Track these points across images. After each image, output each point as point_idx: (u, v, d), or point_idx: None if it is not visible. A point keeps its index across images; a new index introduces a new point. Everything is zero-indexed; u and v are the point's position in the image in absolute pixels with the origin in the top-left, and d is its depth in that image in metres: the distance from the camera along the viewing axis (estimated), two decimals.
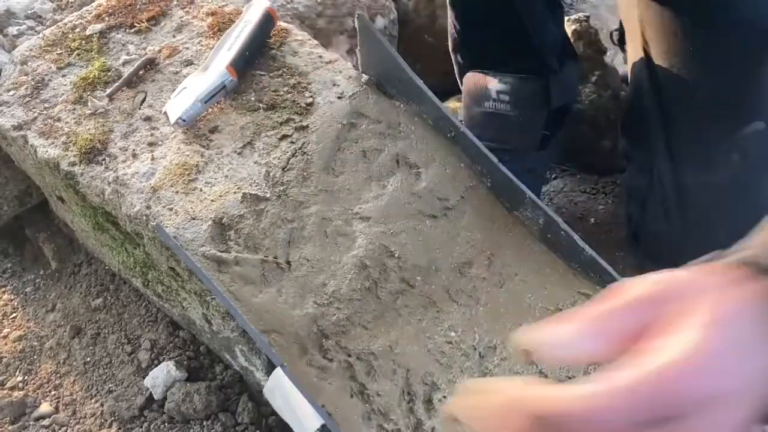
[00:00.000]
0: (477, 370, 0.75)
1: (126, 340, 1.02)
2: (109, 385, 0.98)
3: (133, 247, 0.92)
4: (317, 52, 0.94)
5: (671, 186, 0.97)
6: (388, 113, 0.89)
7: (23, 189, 1.11)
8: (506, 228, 0.85)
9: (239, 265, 0.76)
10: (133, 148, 0.88)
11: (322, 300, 0.76)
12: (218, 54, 0.92)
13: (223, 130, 0.88)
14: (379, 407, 0.71)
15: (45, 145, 0.90)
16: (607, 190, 1.30)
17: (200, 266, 0.74)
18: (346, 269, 0.78)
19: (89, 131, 0.90)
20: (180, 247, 0.74)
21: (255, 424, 0.92)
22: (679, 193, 0.97)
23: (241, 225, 0.79)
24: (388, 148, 0.87)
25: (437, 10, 1.37)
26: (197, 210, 0.81)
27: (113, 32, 1.01)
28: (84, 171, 0.87)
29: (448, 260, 0.81)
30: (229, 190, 0.82)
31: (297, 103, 0.88)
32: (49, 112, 0.93)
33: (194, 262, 0.74)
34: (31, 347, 1.03)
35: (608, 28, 1.28)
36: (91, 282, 1.08)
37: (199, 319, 0.91)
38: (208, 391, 0.93)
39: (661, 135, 0.95)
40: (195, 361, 0.98)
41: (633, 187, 1.05)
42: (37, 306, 1.08)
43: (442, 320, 0.78)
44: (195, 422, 0.93)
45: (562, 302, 0.82)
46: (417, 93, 0.87)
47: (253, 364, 0.86)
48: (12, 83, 0.96)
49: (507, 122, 1.11)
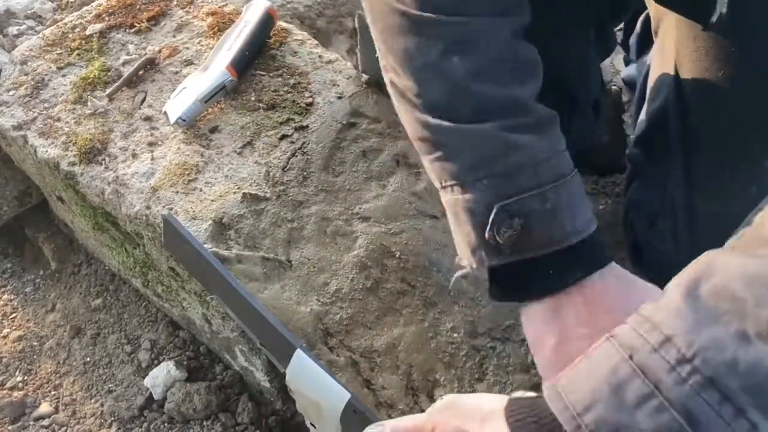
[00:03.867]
0: (478, 371, 0.75)
1: (126, 340, 1.02)
2: (109, 385, 0.98)
3: (133, 247, 0.92)
4: (317, 52, 0.94)
5: (684, 210, 0.96)
6: (388, 113, 0.89)
7: (23, 189, 1.11)
8: None
9: (241, 263, 0.77)
10: (133, 148, 0.88)
11: (324, 299, 0.76)
12: (218, 54, 0.92)
13: (223, 130, 0.88)
14: (386, 399, 0.72)
15: (45, 145, 0.90)
16: (608, 190, 1.30)
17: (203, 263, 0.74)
18: (347, 269, 0.78)
19: (89, 131, 0.90)
20: (191, 234, 0.74)
21: (255, 424, 0.92)
22: (691, 218, 0.96)
23: (241, 225, 0.79)
24: (388, 148, 0.87)
25: None
26: (197, 210, 0.81)
27: (113, 32, 1.01)
28: (84, 171, 0.87)
29: (449, 260, 0.81)
30: (229, 190, 0.82)
31: (297, 103, 0.88)
32: (49, 112, 0.93)
33: (206, 250, 0.74)
34: (31, 347, 1.03)
35: None
36: (91, 282, 1.08)
37: (199, 319, 0.91)
38: (208, 391, 0.93)
39: (680, 158, 0.94)
40: (195, 361, 0.98)
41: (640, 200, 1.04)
42: (37, 306, 1.08)
43: (444, 321, 0.78)
44: (195, 422, 0.92)
45: None
46: None
47: (253, 364, 0.86)
48: (12, 83, 0.96)
49: None
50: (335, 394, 0.66)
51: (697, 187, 0.95)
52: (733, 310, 0.39)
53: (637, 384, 0.39)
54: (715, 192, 0.94)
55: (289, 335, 0.70)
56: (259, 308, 0.71)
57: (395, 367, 0.74)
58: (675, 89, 0.93)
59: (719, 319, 0.39)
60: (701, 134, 0.93)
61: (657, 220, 1.01)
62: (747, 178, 0.88)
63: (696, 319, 0.40)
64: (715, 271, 0.42)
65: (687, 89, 0.92)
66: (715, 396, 0.38)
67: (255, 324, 0.74)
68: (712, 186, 0.94)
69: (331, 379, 0.67)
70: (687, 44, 0.89)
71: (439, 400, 0.49)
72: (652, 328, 0.41)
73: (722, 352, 0.38)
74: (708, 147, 0.93)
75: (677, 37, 0.90)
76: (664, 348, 0.40)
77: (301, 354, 0.68)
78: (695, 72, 0.89)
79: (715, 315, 0.40)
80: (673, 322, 0.40)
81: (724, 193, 0.91)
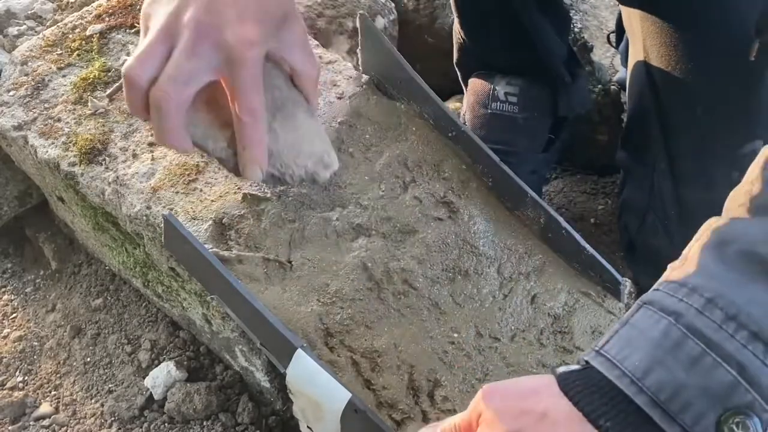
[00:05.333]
0: (479, 371, 0.75)
1: (126, 340, 1.02)
2: (109, 386, 0.98)
3: (133, 248, 0.92)
4: (317, 53, 0.94)
5: (672, 202, 0.97)
6: (389, 113, 0.89)
7: (23, 189, 1.11)
8: (508, 228, 0.85)
9: (242, 263, 0.77)
10: (133, 149, 0.88)
11: (325, 299, 0.76)
12: None
13: None
14: (387, 400, 0.72)
15: (45, 145, 0.90)
16: (607, 190, 1.31)
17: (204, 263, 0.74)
18: (348, 270, 0.78)
19: (89, 131, 0.90)
20: (191, 234, 0.74)
21: (255, 424, 0.92)
22: (680, 209, 0.97)
23: (242, 225, 0.79)
24: (388, 149, 0.87)
25: (437, 10, 1.37)
26: (197, 210, 0.81)
27: (113, 32, 1.01)
28: (84, 171, 0.87)
29: (450, 261, 0.81)
30: (229, 190, 0.82)
31: None
32: (49, 112, 0.93)
33: (207, 250, 0.74)
34: (31, 347, 1.03)
35: (608, 29, 1.29)
36: (91, 282, 1.08)
37: (199, 319, 0.91)
38: (208, 391, 0.93)
39: (663, 151, 0.95)
40: (195, 361, 0.98)
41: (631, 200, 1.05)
42: (37, 306, 1.08)
43: (445, 321, 0.78)
44: (195, 422, 0.93)
45: (564, 302, 0.82)
46: (418, 93, 0.87)
47: (253, 365, 0.86)
48: (12, 83, 0.96)
49: (514, 124, 1.11)
50: (336, 393, 0.67)
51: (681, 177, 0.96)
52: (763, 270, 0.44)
53: (689, 345, 0.43)
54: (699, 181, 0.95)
55: (290, 335, 0.70)
56: (259, 308, 0.71)
57: (396, 367, 0.74)
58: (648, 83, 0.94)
59: (753, 279, 0.44)
60: (678, 125, 0.94)
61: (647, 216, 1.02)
62: (728, 164, 0.89)
63: (732, 280, 0.45)
64: (736, 236, 0.47)
65: (659, 82, 0.93)
66: (760, 347, 0.42)
67: (255, 324, 0.74)
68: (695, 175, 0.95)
69: (332, 378, 0.67)
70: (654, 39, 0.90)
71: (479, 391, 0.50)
72: (690, 292, 0.45)
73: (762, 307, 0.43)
74: (686, 137, 0.95)
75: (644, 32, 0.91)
76: (708, 309, 0.44)
77: (301, 354, 0.68)
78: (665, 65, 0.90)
79: (749, 276, 0.44)
80: (712, 284, 0.45)
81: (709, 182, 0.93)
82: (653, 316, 0.46)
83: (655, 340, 0.44)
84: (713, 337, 0.43)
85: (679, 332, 0.44)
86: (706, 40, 0.86)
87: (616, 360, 0.45)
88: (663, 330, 0.44)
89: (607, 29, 1.28)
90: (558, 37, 1.11)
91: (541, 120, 1.12)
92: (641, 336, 0.45)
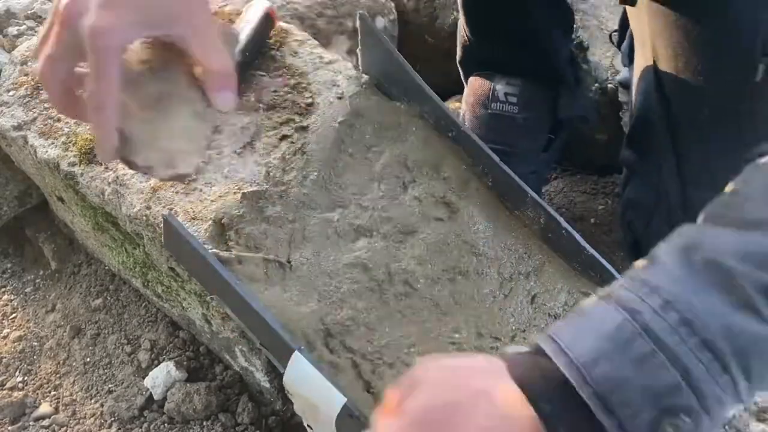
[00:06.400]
0: None
1: (126, 340, 1.02)
2: (109, 386, 0.98)
3: (133, 248, 0.92)
4: (317, 53, 0.94)
5: (679, 204, 0.97)
6: (389, 113, 0.89)
7: (23, 189, 1.11)
8: (508, 228, 0.85)
9: (242, 264, 0.76)
10: None
11: (325, 299, 0.76)
12: None
13: (223, 131, 0.88)
14: None
15: (45, 145, 0.90)
16: (607, 190, 1.30)
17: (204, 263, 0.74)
18: (348, 270, 0.78)
19: (89, 131, 0.90)
20: (191, 234, 0.74)
21: (255, 424, 0.92)
22: (687, 211, 0.96)
23: (242, 225, 0.79)
24: (389, 149, 0.87)
25: (437, 10, 1.37)
26: (197, 210, 0.81)
27: None
28: (84, 171, 0.87)
29: (451, 262, 0.81)
30: (229, 190, 0.82)
31: (297, 104, 0.88)
32: (49, 112, 0.93)
33: (207, 250, 0.74)
34: (31, 347, 1.03)
35: (608, 28, 1.28)
36: (91, 282, 1.08)
37: (199, 319, 0.91)
38: (208, 391, 0.93)
39: (670, 152, 0.95)
40: (195, 361, 0.98)
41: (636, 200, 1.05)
42: (37, 306, 1.08)
43: (446, 321, 0.78)
44: (195, 422, 0.93)
45: (564, 302, 0.82)
46: (418, 93, 0.87)
47: (253, 365, 0.86)
48: (12, 83, 0.96)
49: (513, 124, 1.11)
50: (332, 397, 0.66)
51: (689, 179, 0.96)
52: (724, 281, 0.45)
53: (640, 343, 0.44)
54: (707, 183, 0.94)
55: (288, 337, 0.70)
56: (258, 309, 0.71)
57: (397, 368, 0.74)
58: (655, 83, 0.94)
59: (714, 289, 0.45)
60: (686, 126, 0.94)
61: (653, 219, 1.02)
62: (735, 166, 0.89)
63: (692, 285, 0.45)
64: (705, 243, 0.48)
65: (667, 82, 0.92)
66: (708, 355, 0.43)
67: (255, 324, 0.74)
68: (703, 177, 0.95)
69: (328, 382, 0.67)
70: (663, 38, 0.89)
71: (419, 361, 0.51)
72: (651, 291, 0.46)
73: (716, 318, 0.44)
74: (693, 138, 0.94)
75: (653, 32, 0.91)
76: (665, 311, 0.45)
77: (298, 356, 0.68)
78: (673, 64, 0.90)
79: (711, 285, 0.45)
80: (672, 287, 0.46)
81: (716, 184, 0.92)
82: (611, 309, 0.46)
83: (608, 334, 0.45)
84: (665, 339, 0.44)
85: (633, 329, 0.45)
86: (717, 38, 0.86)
87: (568, 347, 0.46)
88: (618, 324, 0.45)
89: (607, 29, 1.28)
90: (564, 37, 1.11)
91: (541, 120, 1.12)
92: (595, 327, 0.46)
